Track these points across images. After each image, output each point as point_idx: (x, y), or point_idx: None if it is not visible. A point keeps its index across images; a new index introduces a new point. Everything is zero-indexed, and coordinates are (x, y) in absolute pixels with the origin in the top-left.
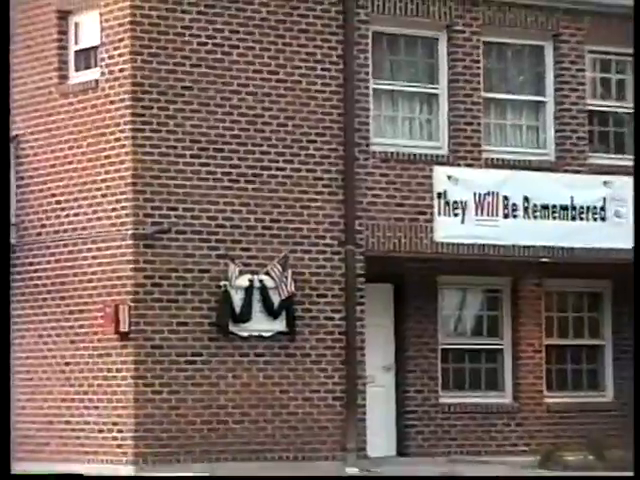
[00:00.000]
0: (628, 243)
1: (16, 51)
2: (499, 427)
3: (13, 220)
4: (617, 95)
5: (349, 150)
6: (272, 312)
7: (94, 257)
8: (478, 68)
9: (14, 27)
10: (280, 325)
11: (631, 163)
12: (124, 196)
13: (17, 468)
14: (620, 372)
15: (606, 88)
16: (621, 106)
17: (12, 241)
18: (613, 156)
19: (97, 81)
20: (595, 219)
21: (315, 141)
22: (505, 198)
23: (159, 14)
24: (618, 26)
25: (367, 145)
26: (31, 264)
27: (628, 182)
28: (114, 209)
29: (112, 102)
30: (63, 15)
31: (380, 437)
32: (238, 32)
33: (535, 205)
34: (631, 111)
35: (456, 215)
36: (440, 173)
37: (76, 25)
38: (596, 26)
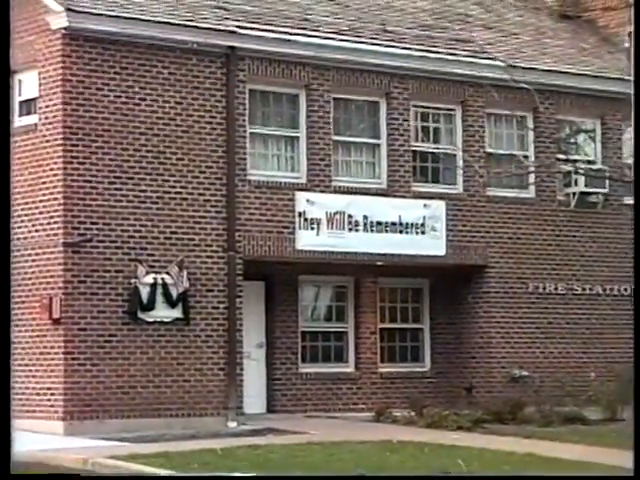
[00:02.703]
0: (441, 251)
1: None
2: (344, 390)
3: None
4: (434, 139)
5: (231, 179)
6: (171, 303)
7: (33, 260)
8: (329, 118)
9: None
10: (177, 313)
11: (444, 190)
12: (57, 213)
13: None
14: (435, 349)
15: (425, 134)
16: (437, 147)
17: None
18: (431, 185)
19: (36, 125)
20: (417, 233)
21: (205, 172)
22: (349, 216)
23: (84, 73)
24: (435, 87)
25: (245, 175)
26: None
27: (442, 204)
28: (49, 223)
29: (48, 141)
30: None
31: (254, 398)
32: (145, 88)
33: (372, 222)
34: (443, 151)
35: (312, 229)
36: (300, 197)
37: (20, 81)
38: (418, 87)
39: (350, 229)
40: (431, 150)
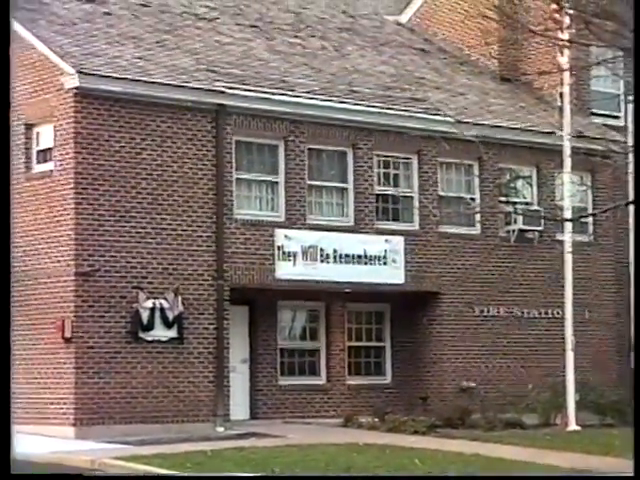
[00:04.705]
0: (401, 279)
1: None
2: (317, 400)
3: None
4: (394, 183)
5: (219, 217)
6: (168, 324)
7: (48, 287)
8: (304, 165)
9: None
10: (173, 333)
11: (402, 227)
12: (69, 246)
13: None
14: (395, 364)
15: (386, 179)
16: (396, 191)
17: None
18: (391, 223)
19: (51, 171)
20: (379, 264)
21: (197, 211)
22: (321, 250)
23: (93, 127)
24: (394, 139)
25: (231, 214)
26: None
27: (401, 240)
28: (62, 255)
29: (61, 185)
30: (29, 127)
31: (239, 407)
32: (146, 139)
33: (341, 254)
34: (402, 194)
35: (290, 260)
36: (279, 233)
37: (37, 133)
38: (380, 139)
39: (322, 261)
40: (391, 193)
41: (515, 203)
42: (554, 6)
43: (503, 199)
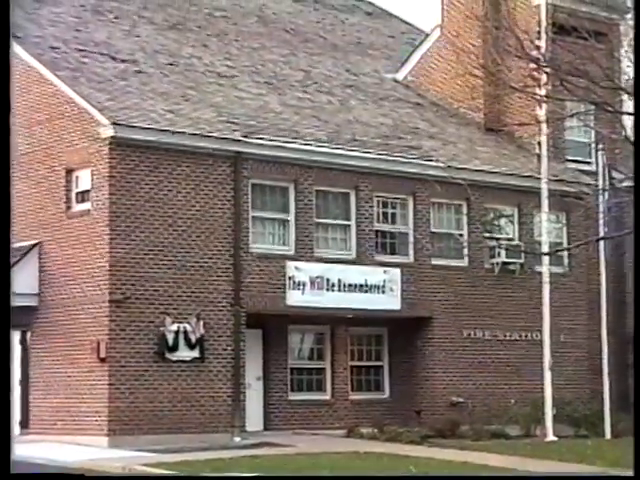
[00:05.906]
0: (397, 306)
1: (41, 192)
2: (323, 413)
3: (37, 291)
4: (391, 221)
5: (236, 251)
6: (191, 345)
7: (85, 312)
8: (312, 205)
9: (37, 179)
10: (196, 353)
11: (399, 260)
12: (104, 277)
13: (29, 438)
14: (393, 381)
15: (385, 217)
16: (394, 227)
17: (36, 304)
18: (389, 256)
19: (89, 210)
20: (379, 292)
21: (217, 245)
22: (327, 280)
23: (126, 171)
24: (392, 182)
25: (247, 248)
26: (49, 318)
27: (398, 271)
28: (98, 284)
29: (98, 222)
30: (69, 171)
31: (254, 419)
32: (172, 182)
33: (344, 284)
34: (399, 230)
35: (299, 289)
36: (290, 265)
37: (77, 177)
38: (378, 182)
39: (327, 289)
40: (389, 229)
41: (499, 239)
42: (533, 65)
43: (488, 235)
